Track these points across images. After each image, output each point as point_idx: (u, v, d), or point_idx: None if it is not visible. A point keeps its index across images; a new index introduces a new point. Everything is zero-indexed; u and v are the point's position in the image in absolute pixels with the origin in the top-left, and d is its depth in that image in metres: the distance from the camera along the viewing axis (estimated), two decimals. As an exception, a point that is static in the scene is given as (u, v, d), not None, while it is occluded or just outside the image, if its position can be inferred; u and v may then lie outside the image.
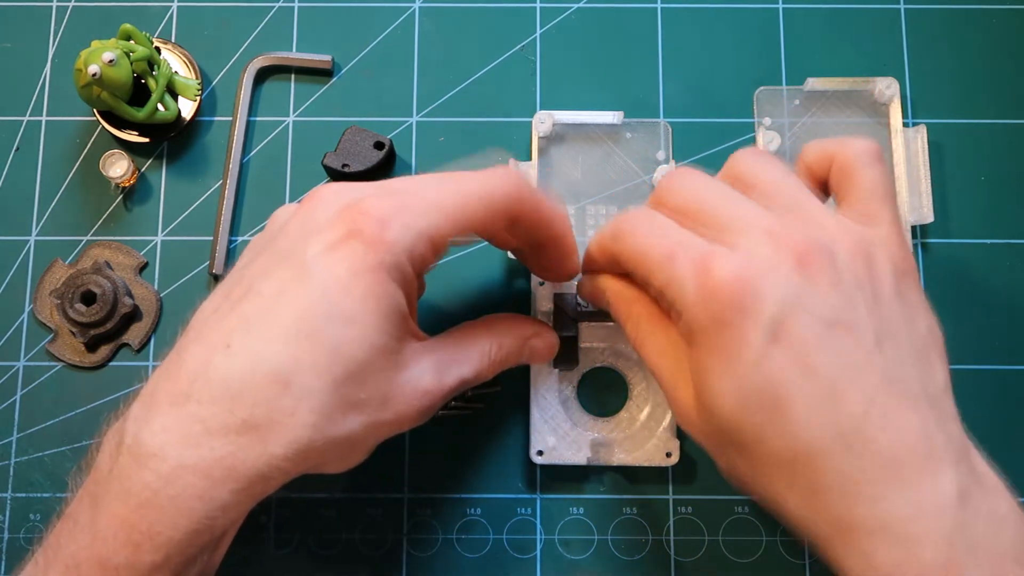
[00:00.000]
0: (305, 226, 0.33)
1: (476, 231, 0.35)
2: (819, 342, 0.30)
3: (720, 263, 0.31)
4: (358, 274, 0.31)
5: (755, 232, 0.31)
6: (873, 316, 0.31)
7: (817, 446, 0.29)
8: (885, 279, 0.32)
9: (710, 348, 0.31)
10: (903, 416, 0.29)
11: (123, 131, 0.46)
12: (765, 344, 0.30)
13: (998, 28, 0.47)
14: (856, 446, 0.29)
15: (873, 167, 0.34)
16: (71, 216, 0.46)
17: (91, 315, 0.43)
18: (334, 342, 0.31)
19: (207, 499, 0.30)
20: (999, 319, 0.44)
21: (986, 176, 0.46)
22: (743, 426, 0.30)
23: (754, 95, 0.46)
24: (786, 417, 0.30)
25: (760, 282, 0.30)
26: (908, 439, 0.29)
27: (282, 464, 0.31)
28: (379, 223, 0.32)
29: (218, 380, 0.31)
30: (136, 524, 0.30)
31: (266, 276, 0.32)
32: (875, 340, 0.30)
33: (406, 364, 0.33)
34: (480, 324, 0.38)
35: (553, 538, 0.43)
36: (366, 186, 0.35)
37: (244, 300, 0.32)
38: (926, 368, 0.31)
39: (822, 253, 0.31)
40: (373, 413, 0.32)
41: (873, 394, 0.29)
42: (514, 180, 0.35)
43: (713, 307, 0.30)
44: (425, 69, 0.47)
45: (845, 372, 0.30)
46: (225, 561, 0.42)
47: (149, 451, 0.30)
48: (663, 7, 0.48)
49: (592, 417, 0.43)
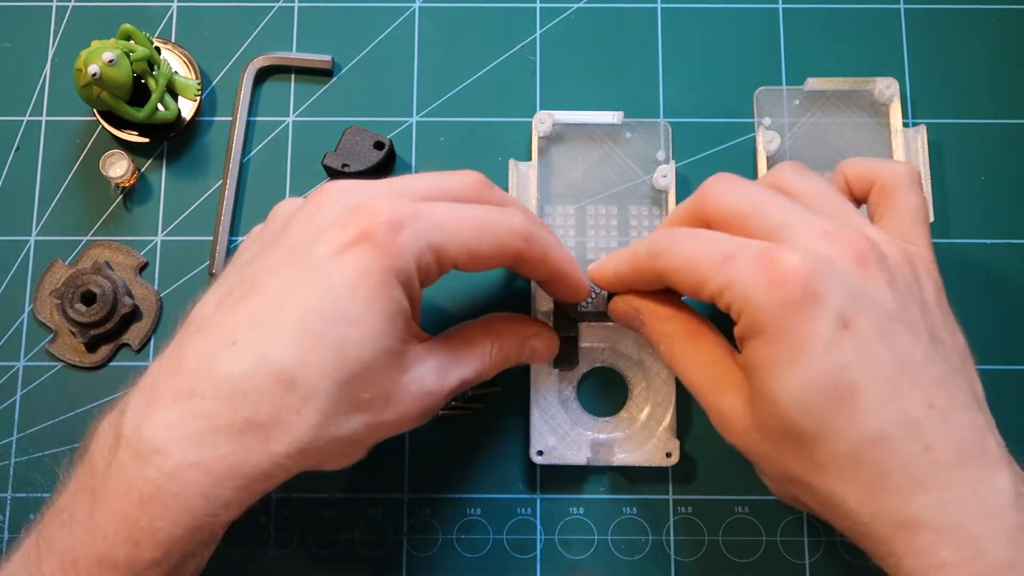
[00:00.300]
0: (312, 224, 0.33)
1: (481, 264, 0.35)
2: (883, 335, 0.30)
3: (786, 255, 0.31)
4: (366, 276, 0.31)
5: (812, 232, 0.32)
6: (925, 318, 0.32)
7: (886, 433, 0.30)
8: (929, 289, 0.33)
9: (778, 339, 0.31)
10: (960, 415, 0.30)
11: (123, 131, 0.46)
12: (835, 333, 0.30)
13: (998, 28, 0.47)
14: (922, 437, 0.30)
15: (916, 192, 0.35)
16: (71, 216, 0.46)
17: (91, 315, 0.43)
18: (340, 343, 0.31)
19: (210, 497, 0.30)
20: (999, 319, 0.44)
21: (986, 176, 0.46)
22: (810, 416, 0.30)
23: (754, 95, 0.46)
24: (855, 405, 0.30)
25: (826, 273, 0.30)
26: (967, 438, 0.30)
27: (284, 462, 0.31)
28: (391, 227, 0.32)
29: (223, 377, 0.31)
30: (137, 520, 0.30)
31: (272, 273, 0.32)
32: (930, 340, 0.31)
33: (409, 365, 0.34)
34: (480, 324, 0.38)
35: (553, 538, 0.43)
36: (373, 184, 0.35)
37: (250, 297, 0.32)
38: (971, 375, 0.32)
39: (877, 254, 0.32)
40: (376, 413, 0.33)
41: (934, 390, 0.30)
42: (528, 226, 0.35)
43: (783, 295, 0.30)
44: (425, 69, 0.47)
45: (908, 367, 0.30)
46: (225, 561, 0.42)
47: (151, 447, 0.30)
48: (663, 7, 0.48)
49: (592, 417, 0.43)
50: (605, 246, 0.44)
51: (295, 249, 0.33)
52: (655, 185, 0.44)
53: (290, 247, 0.33)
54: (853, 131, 0.46)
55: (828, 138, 0.45)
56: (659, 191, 0.44)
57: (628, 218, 0.45)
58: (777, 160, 0.45)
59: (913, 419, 0.30)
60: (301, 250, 0.32)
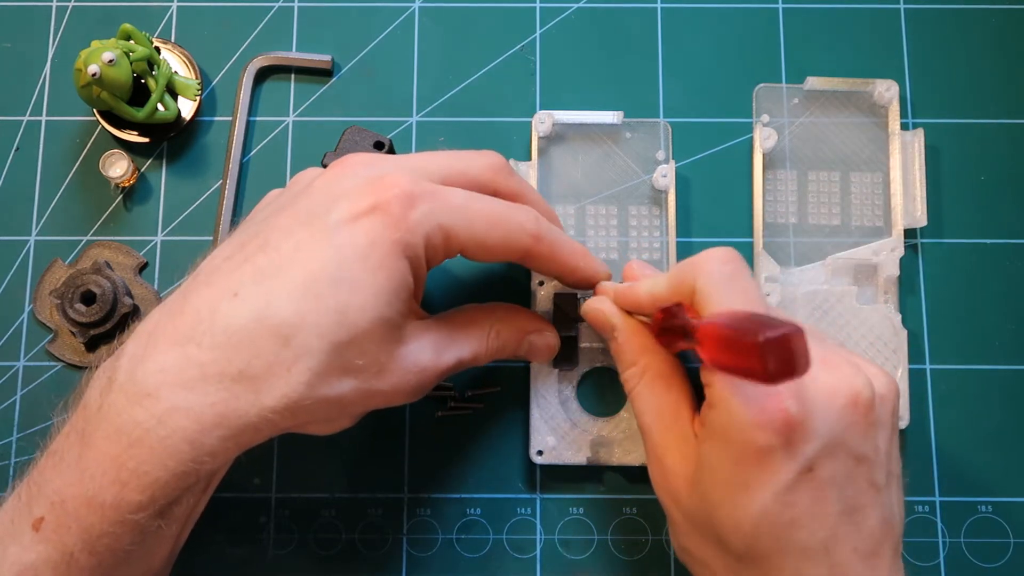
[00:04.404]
0: (331, 191, 0.34)
1: (487, 255, 0.36)
2: (841, 484, 0.31)
3: (785, 398, 0.31)
4: (375, 246, 0.32)
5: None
6: (887, 454, 0.33)
7: (804, 570, 0.31)
8: (891, 416, 0.34)
9: (742, 461, 0.32)
10: (881, 564, 0.32)
11: (123, 131, 0.46)
12: (796, 478, 0.31)
13: (998, 28, 0.47)
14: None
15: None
16: (71, 216, 0.46)
17: (91, 315, 0.43)
18: (340, 306, 0.31)
19: (196, 444, 0.31)
20: (999, 319, 0.44)
21: (986, 176, 0.46)
22: (741, 537, 0.32)
23: (753, 92, 0.46)
24: (788, 542, 0.31)
25: (812, 428, 0.31)
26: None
27: (271, 416, 0.32)
28: (405, 201, 0.33)
29: (221, 327, 0.31)
30: (125, 463, 0.31)
31: (285, 233, 0.33)
32: (884, 479, 0.33)
33: (406, 339, 0.34)
34: (482, 308, 0.39)
35: (553, 538, 0.43)
36: (394, 159, 0.36)
37: (260, 253, 0.33)
38: (899, 516, 0.34)
39: (869, 397, 0.32)
40: (367, 380, 0.33)
41: (865, 540, 0.32)
42: (538, 225, 0.36)
43: (763, 434, 0.31)
44: (425, 69, 0.47)
45: (851, 515, 0.32)
46: (225, 561, 0.42)
47: (143, 390, 0.31)
48: (663, 7, 0.48)
49: (592, 417, 0.43)
50: (605, 246, 0.44)
51: (310, 212, 0.33)
52: (655, 185, 0.44)
53: (306, 210, 0.33)
54: (852, 131, 0.46)
55: (826, 138, 0.45)
56: (659, 191, 0.44)
57: (628, 218, 0.45)
58: (775, 159, 0.45)
59: (837, 563, 0.31)
60: (316, 214, 0.33)
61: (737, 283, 0.33)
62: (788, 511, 0.31)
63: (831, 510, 0.31)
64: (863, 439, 0.32)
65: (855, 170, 0.45)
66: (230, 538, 0.43)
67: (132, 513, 0.31)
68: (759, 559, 0.32)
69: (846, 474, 0.31)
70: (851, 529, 0.31)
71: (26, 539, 0.31)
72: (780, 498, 0.31)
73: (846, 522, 0.31)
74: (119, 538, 0.31)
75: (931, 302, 0.45)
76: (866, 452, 0.32)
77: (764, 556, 0.32)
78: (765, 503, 0.31)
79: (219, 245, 0.35)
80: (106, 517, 0.31)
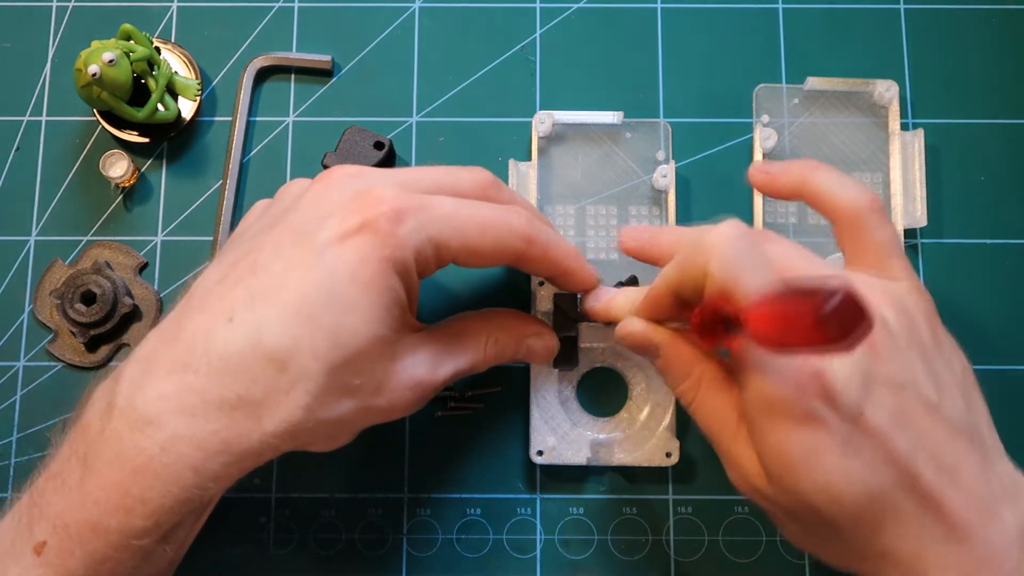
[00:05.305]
0: (318, 207, 0.34)
1: (480, 261, 0.35)
2: (893, 421, 0.30)
3: (831, 370, 0.31)
4: (365, 265, 0.32)
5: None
6: (927, 366, 0.32)
7: (892, 513, 0.30)
8: (924, 329, 0.33)
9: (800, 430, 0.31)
10: (967, 470, 0.31)
11: (123, 131, 0.46)
12: (847, 437, 0.30)
13: (998, 28, 0.47)
14: (931, 511, 0.30)
15: (883, 224, 0.35)
16: (71, 216, 0.46)
17: (91, 315, 0.43)
18: (334, 328, 0.31)
19: (200, 470, 0.31)
20: (999, 319, 0.44)
21: (986, 176, 0.46)
22: (831, 508, 0.31)
23: (754, 92, 0.46)
24: (873, 511, 0.31)
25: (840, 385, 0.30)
26: (975, 491, 0.31)
27: (273, 441, 0.32)
28: (393, 217, 0.32)
29: (217, 353, 0.31)
30: (128, 489, 0.31)
31: (275, 254, 0.33)
32: (935, 392, 0.32)
33: (402, 355, 0.34)
34: (477, 316, 0.38)
35: (553, 538, 0.43)
36: (380, 172, 0.35)
37: (250, 275, 0.33)
38: (973, 408, 0.33)
39: (880, 328, 0.31)
40: (365, 399, 0.33)
41: (941, 453, 0.31)
42: (530, 227, 0.35)
43: (799, 404, 0.31)
44: (425, 69, 0.47)
45: (919, 440, 0.31)
46: (225, 561, 0.42)
47: (145, 417, 0.31)
48: (663, 7, 0.48)
49: (592, 417, 0.43)
50: (605, 246, 0.44)
51: (299, 232, 0.33)
52: (655, 185, 0.44)
53: (294, 229, 0.33)
54: (852, 131, 0.46)
55: (826, 138, 0.45)
56: (659, 191, 0.44)
57: (628, 218, 0.45)
58: (776, 159, 0.45)
59: (924, 494, 0.30)
60: (304, 233, 0.33)
61: (759, 258, 0.31)
62: (856, 461, 0.30)
63: (896, 445, 0.30)
64: (894, 367, 0.31)
65: (855, 170, 0.45)
66: (230, 538, 0.43)
67: (136, 539, 0.31)
68: (863, 517, 0.31)
69: (894, 405, 0.31)
70: (924, 455, 0.30)
71: (27, 561, 0.31)
72: (846, 452, 0.30)
73: (915, 447, 0.30)
74: (122, 563, 0.31)
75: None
76: (903, 378, 0.31)
77: (866, 510, 0.31)
78: (836, 464, 0.30)
79: (210, 264, 0.35)
80: (110, 542, 0.31)
